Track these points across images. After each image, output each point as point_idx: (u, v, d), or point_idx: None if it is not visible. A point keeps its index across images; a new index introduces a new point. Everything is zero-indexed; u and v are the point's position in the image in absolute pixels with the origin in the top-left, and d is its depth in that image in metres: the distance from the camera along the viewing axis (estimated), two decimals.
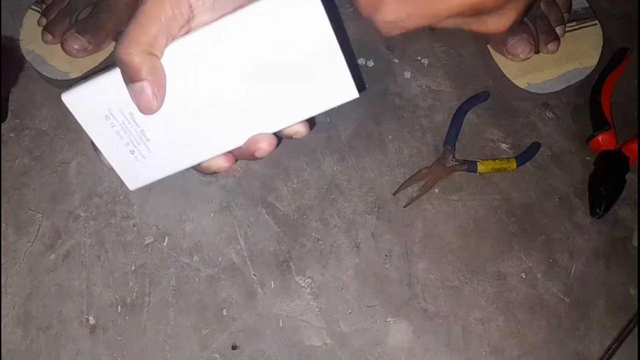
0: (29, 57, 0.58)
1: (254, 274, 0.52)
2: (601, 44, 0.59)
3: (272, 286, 0.52)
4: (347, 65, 0.28)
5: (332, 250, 0.53)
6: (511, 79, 0.58)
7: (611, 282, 0.52)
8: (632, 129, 0.58)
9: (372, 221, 0.54)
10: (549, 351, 0.50)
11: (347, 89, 0.29)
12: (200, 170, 0.33)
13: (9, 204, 0.54)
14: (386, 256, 0.53)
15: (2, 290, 0.51)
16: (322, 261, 0.53)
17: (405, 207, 0.55)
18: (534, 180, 0.56)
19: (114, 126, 0.31)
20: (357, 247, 0.53)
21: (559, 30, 0.58)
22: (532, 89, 0.58)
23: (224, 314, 0.51)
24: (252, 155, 0.31)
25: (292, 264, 0.53)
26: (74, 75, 0.57)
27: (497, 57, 0.59)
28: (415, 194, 0.55)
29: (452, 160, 0.56)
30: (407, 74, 0.61)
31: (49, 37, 0.57)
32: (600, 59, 0.58)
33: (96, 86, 0.30)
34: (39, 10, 0.59)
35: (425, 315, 0.51)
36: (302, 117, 0.31)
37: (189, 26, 0.28)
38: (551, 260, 0.53)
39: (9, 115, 0.58)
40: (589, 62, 0.58)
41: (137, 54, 0.27)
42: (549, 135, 0.59)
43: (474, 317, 0.51)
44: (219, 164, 0.33)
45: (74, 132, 0.58)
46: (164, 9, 0.27)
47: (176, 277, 0.52)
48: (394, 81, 0.61)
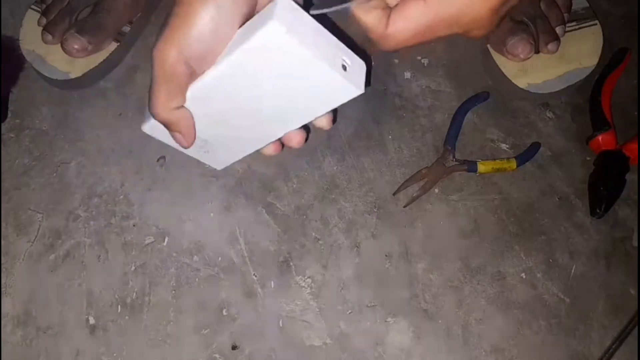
0: (29, 57, 0.58)
1: (254, 274, 0.52)
2: (601, 44, 0.59)
3: (272, 286, 0.52)
4: (339, 69, 0.31)
5: (332, 250, 0.53)
6: (511, 79, 0.58)
7: (611, 282, 0.52)
8: (632, 129, 0.58)
9: (372, 221, 0.54)
10: (549, 351, 0.50)
11: (347, 89, 0.32)
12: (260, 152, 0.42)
13: (9, 204, 0.54)
14: (386, 256, 0.53)
15: (2, 290, 0.51)
16: (322, 261, 0.53)
17: (405, 207, 0.55)
18: (534, 180, 0.56)
19: None
20: (357, 247, 0.53)
21: (559, 30, 0.58)
22: (532, 89, 0.58)
23: (224, 314, 0.51)
24: (290, 147, 0.40)
25: (292, 263, 0.53)
26: (74, 75, 0.57)
27: (497, 57, 0.59)
28: (415, 194, 0.55)
29: (452, 160, 0.56)
30: (407, 74, 0.61)
31: (49, 37, 0.57)
32: (600, 59, 0.58)
33: None
34: (39, 10, 0.59)
35: (425, 315, 0.51)
36: (317, 115, 0.36)
37: (195, 75, 0.33)
38: (551, 260, 0.53)
39: (9, 115, 0.58)
40: (589, 62, 0.58)
41: (162, 112, 0.34)
42: (549, 135, 0.59)
43: (474, 317, 0.51)
44: (270, 152, 0.42)
45: (74, 132, 0.58)
46: (166, 76, 0.32)
47: (176, 277, 0.52)
48: (394, 81, 0.61)
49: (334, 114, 0.37)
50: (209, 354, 0.49)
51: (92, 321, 0.50)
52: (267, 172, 0.56)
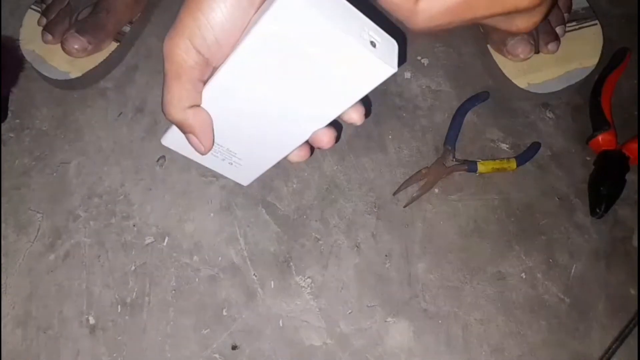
0: (29, 57, 0.58)
1: (254, 274, 0.52)
2: (601, 44, 0.59)
3: (272, 286, 0.52)
4: (368, 45, 0.28)
5: (332, 250, 0.53)
6: (511, 79, 0.58)
7: (611, 282, 0.52)
8: (632, 129, 0.58)
9: (372, 221, 0.54)
10: (549, 351, 0.50)
11: (379, 68, 0.29)
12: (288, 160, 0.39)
13: (9, 204, 0.54)
14: (386, 256, 0.53)
15: (2, 290, 0.51)
16: (322, 261, 0.53)
17: (405, 207, 0.55)
18: (534, 180, 0.56)
19: None
20: (357, 247, 0.53)
21: (559, 30, 0.58)
22: (532, 89, 0.58)
23: (224, 314, 0.51)
24: (320, 147, 0.36)
25: (292, 264, 0.53)
26: (74, 75, 0.57)
27: (497, 57, 0.59)
28: (415, 194, 0.55)
29: (452, 160, 0.56)
30: (407, 74, 0.61)
31: (49, 37, 0.57)
32: (600, 59, 0.58)
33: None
34: (39, 10, 0.59)
35: (425, 315, 0.51)
36: (348, 104, 0.32)
37: (209, 67, 0.31)
38: (551, 260, 0.53)
39: (9, 115, 0.58)
40: (589, 62, 0.58)
41: (175, 112, 0.31)
42: (549, 135, 0.59)
43: (474, 317, 0.51)
44: (297, 158, 0.38)
45: (74, 132, 0.58)
46: (177, 68, 0.29)
47: (176, 277, 0.52)
48: (394, 81, 0.61)
49: (366, 107, 0.34)
50: (209, 354, 0.49)
51: (92, 321, 0.50)
52: (267, 172, 0.56)
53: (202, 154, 0.35)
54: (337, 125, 0.34)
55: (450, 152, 0.56)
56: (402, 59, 0.28)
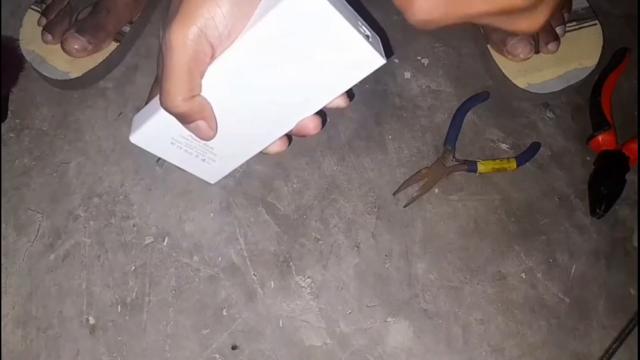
0: (29, 57, 0.58)
1: (254, 274, 0.52)
2: (601, 44, 0.59)
3: (272, 286, 0.52)
4: (365, 38, 0.29)
5: (332, 250, 0.53)
6: (511, 79, 0.58)
7: (611, 282, 0.52)
8: (632, 129, 0.58)
9: (372, 221, 0.54)
10: (549, 351, 0.50)
11: (374, 58, 0.30)
12: (264, 153, 0.39)
13: (9, 204, 0.54)
14: (386, 256, 0.53)
15: (2, 290, 0.51)
16: (322, 261, 0.53)
17: (405, 207, 0.55)
18: (534, 180, 0.56)
19: (180, 147, 0.36)
20: (357, 247, 0.53)
21: (559, 30, 0.58)
22: (532, 89, 0.58)
23: (224, 314, 0.51)
24: (304, 136, 0.36)
25: (292, 264, 0.53)
26: (74, 75, 0.57)
27: (497, 57, 0.59)
28: (415, 194, 0.55)
29: (452, 160, 0.56)
30: (407, 74, 0.61)
31: (49, 37, 0.57)
32: (600, 59, 0.58)
33: (155, 123, 0.34)
34: (39, 10, 0.59)
35: (425, 315, 0.51)
36: (337, 92, 0.33)
37: (214, 57, 0.30)
38: (551, 260, 0.53)
39: (9, 115, 0.58)
40: (589, 62, 0.58)
41: (182, 103, 0.30)
42: (549, 135, 0.59)
43: (474, 317, 0.51)
44: (277, 149, 0.38)
45: (74, 132, 0.58)
46: (188, 58, 0.28)
47: (176, 277, 0.52)
48: (394, 81, 0.61)
49: (349, 92, 0.35)
50: (209, 354, 0.49)
51: (92, 321, 0.50)
52: (267, 172, 0.56)
53: (210, 139, 0.34)
54: (321, 112, 0.35)
55: (450, 152, 0.56)
56: (388, 54, 0.31)
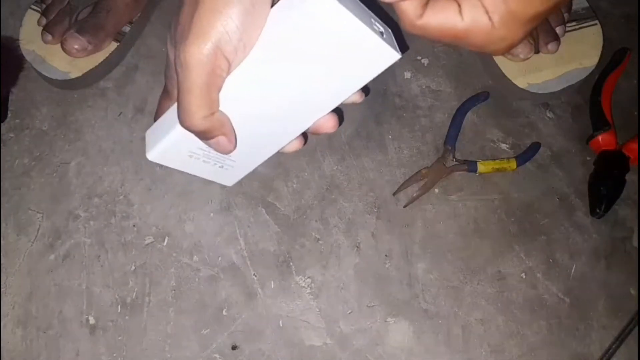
0: (29, 57, 0.58)
1: (254, 274, 0.52)
2: (601, 44, 0.59)
3: (272, 286, 0.52)
4: (379, 35, 0.30)
5: (332, 250, 0.53)
6: (511, 79, 0.58)
7: (611, 282, 0.52)
8: (632, 129, 0.58)
9: (372, 221, 0.54)
10: (549, 351, 0.50)
11: (385, 53, 0.31)
12: (281, 152, 0.39)
13: (9, 204, 0.54)
14: (386, 256, 0.53)
15: (2, 290, 0.51)
16: (322, 261, 0.53)
17: (405, 207, 0.55)
18: (534, 180, 0.56)
19: (199, 159, 0.37)
20: (357, 247, 0.53)
21: (559, 30, 0.58)
22: (532, 89, 0.58)
23: (224, 314, 0.51)
24: (320, 134, 0.37)
25: (292, 264, 0.53)
26: (74, 75, 0.57)
27: (497, 57, 0.59)
28: (415, 194, 0.55)
29: (452, 160, 0.56)
30: (407, 74, 0.61)
31: (49, 37, 0.57)
32: (600, 59, 0.58)
33: (172, 140, 0.34)
34: (39, 10, 0.59)
35: (425, 315, 0.51)
36: (354, 89, 0.34)
37: (230, 71, 0.30)
38: (551, 260, 0.53)
39: (9, 115, 0.58)
40: (589, 62, 0.58)
41: (202, 121, 0.30)
42: (549, 135, 0.59)
43: (474, 317, 0.51)
44: (294, 147, 0.39)
45: (74, 132, 0.58)
46: (206, 76, 0.28)
47: (176, 277, 0.52)
48: (394, 81, 0.61)
49: (364, 88, 0.35)
50: (209, 354, 0.49)
51: (92, 321, 0.50)
52: (267, 172, 0.56)
53: (230, 152, 0.34)
54: (337, 110, 0.35)
55: (450, 152, 0.56)
56: (402, 47, 0.32)
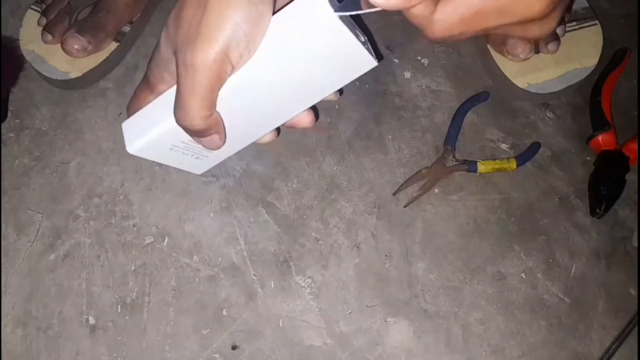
0: (29, 57, 0.58)
1: (254, 274, 0.52)
2: (601, 44, 0.59)
3: (272, 286, 0.52)
4: (363, 44, 0.32)
5: (332, 250, 0.53)
6: (511, 79, 0.58)
7: (611, 282, 0.52)
8: (632, 129, 0.58)
9: (372, 221, 0.54)
10: (549, 351, 0.50)
11: (367, 61, 0.34)
12: (255, 142, 0.41)
13: (9, 204, 0.54)
14: (386, 256, 0.53)
15: (2, 290, 0.51)
16: (322, 261, 0.53)
17: (405, 207, 0.55)
18: (534, 180, 0.56)
19: (178, 151, 0.39)
20: (357, 247, 0.53)
21: (559, 30, 0.58)
22: (532, 89, 0.58)
23: (224, 314, 0.51)
24: (297, 129, 0.38)
25: (292, 264, 0.53)
26: (74, 75, 0.57)
27: (497, 57, 0.59)
28: (415, 194, 0.55)
29: (452, 160, 0.56)
30: (407, 74, 0.61)
31: (49, 37, 0.57)
32: (600, 59, 0.58)
33: (158, 135, 0.36)
34: (39, 10, 0.59)
35: (425, 315, 0.51)
36: (333, 90, 0.37)
37: (232, 74, 0.31)
38: (551, 260, 0.53)
39: (9, 115, 0.58)
40: (589, 62, 0.58)
41: (201, 121, 0.31)
42: (549, 135, 0.59)
43: (474, 317, 0.51)
44: (268, 139, 0.40)
45: (74, 132, 0.58)
46: (211, 79, 0.29)
47: (176, 277, 0.52)
48: (394, 81, 0.61)
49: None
50: (209, 354, 0.49)
51: (92, 321, 0.50)
52: (267, 172, 0.56)
53: (219, 149, 0.36)
54: (312, 107, 0.38)
55: (450, 152, 0.56)
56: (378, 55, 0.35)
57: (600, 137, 0.56)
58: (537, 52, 0.58)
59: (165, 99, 0.35)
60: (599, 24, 0.60)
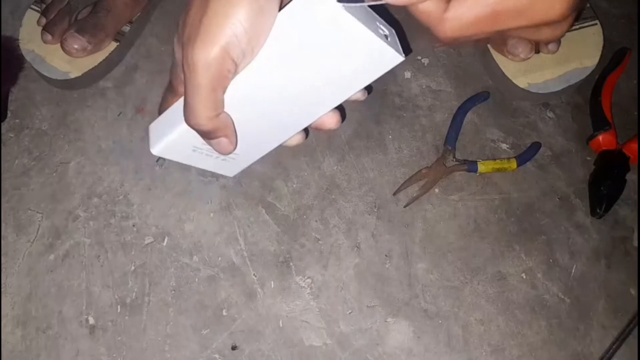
0: (28, 57, 0.58)
1: (254, 274, 0.52)
2: (601, 44, 0.59)
3: (272, 286, 0.52)
4: (384, 38, 0.30)
5: (332, 250, 0.53)
6: (511, 79, 0.58)
7: (611, 282, 0.52)
8: (632, 129, 0.58)
9: (372, 221, 0.54)
10: (549, 351, 0.50)
11: (390, 56, 0.31)
12: (284, 145, 0.40)
13: (9, 204, 0.54)
14: (386, 256, 0.53)
15: (2, 290, 0.51)
16: (322, 261, 0.53)
17: (405, 207, 0.55)
18: (534, 180, 0.56)
19: (202, 153, 0.38)
20: (357, 247, 0.53)
21: None
22: (532, 89, 0.58)
23: (224, 314, 0.51)
24: (323, 130, 0.37)
25: (292, 264, 0.52)
26: (73, 75, 0.57)
27: (497, 57, 0.59)
28: (415, 194, 0.55)
29: (453, 160, 0.56)
30: (407, 74, 0.61)
31: (49, 37, 0.57)
32: (600, 59, 0.58)
33: (177, 136, 0.35)
34: (39, 10, 0.59)
35: (425, 315, 0.51)
36: (357, 89, 0.34)
37: (236, 73, 0.30)
38: (551, 260, 0.53)
39: (9, 115, 0.58)
40: (589, 62, 0.58)
41: (207, 122, 0.30)
42: (549, 135, 0.59)
43: (474, 317, 0.51)
44: (296, 141, 0.39)
45: (73, 132, 0.58)
46: (212, 78, 0.28)
47: (176, 277, 0.52)
48: (394, 81, 0.61)
49: (367, 86, 0.36)
50: (209, 354, 0.49)
51: (92, 321, 0.50)
52: (267, 172, 0.56)
53: (229, 153, 0.35)
54: (339, 107, 0.36)
55: (450, 152, 0.56)
56: (405, 49, 0.32)
57: (600, 137, 0.56)
58: (537, 52, 0.58)
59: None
60: (599, 24, 0.60)
